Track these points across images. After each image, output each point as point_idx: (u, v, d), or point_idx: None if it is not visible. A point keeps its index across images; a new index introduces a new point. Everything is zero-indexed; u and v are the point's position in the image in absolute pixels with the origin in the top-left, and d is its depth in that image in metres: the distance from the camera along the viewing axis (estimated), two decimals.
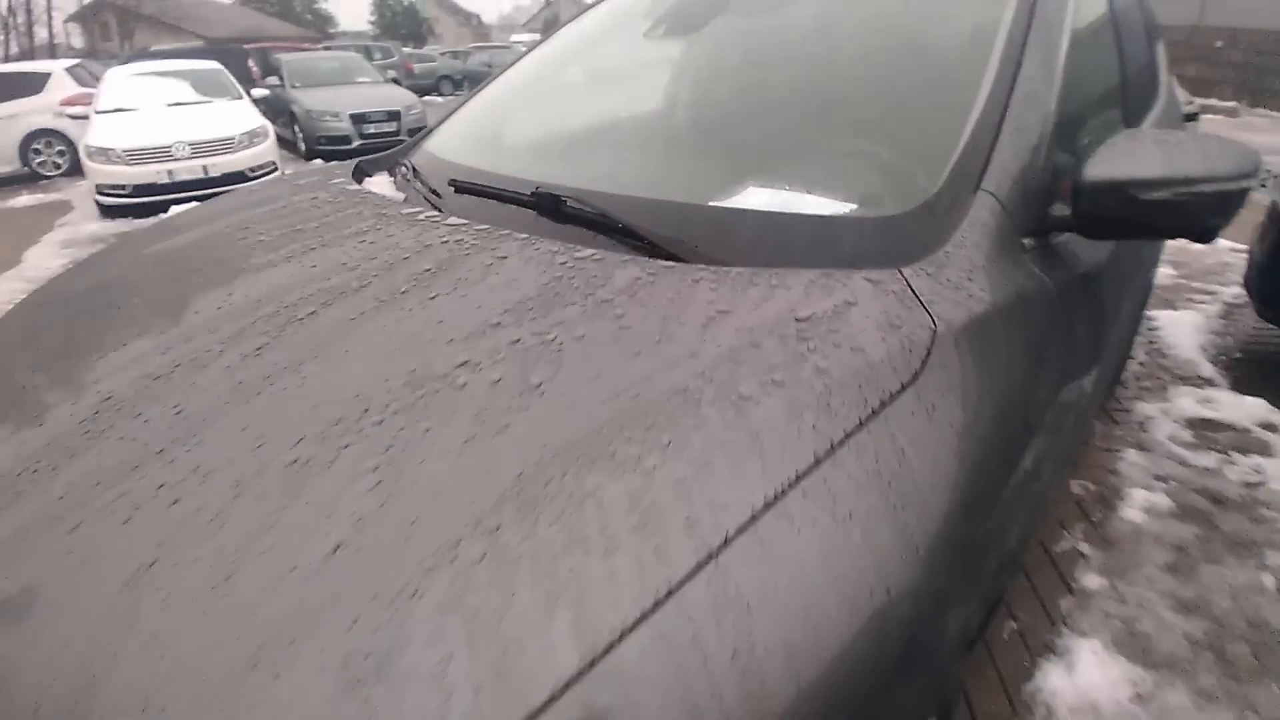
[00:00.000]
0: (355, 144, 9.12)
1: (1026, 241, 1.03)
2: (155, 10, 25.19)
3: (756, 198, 1.08)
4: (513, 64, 1.93)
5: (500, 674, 0.46)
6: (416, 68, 20.01)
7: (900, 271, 0.84)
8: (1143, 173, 0.98)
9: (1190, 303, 4.12)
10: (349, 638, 0.49)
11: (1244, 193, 1.00)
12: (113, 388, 0.82)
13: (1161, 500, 2.32)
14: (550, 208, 1.11)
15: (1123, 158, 1.00)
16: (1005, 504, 0.79)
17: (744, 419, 0.63)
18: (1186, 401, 2.97)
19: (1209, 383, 3.17)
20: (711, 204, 1.08)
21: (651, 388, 0.67)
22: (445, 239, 1.04)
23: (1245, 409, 2.86)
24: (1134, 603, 1.89)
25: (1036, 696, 1.61)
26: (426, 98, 14.71)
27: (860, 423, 0.64)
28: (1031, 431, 0.89)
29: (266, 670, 0.48)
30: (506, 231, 1.05)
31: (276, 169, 6.99)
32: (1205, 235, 1.04)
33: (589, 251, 0.95)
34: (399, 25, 46.64)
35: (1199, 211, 0.99)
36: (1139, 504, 2.30)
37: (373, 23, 49.16)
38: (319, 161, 9.00)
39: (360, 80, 10.17)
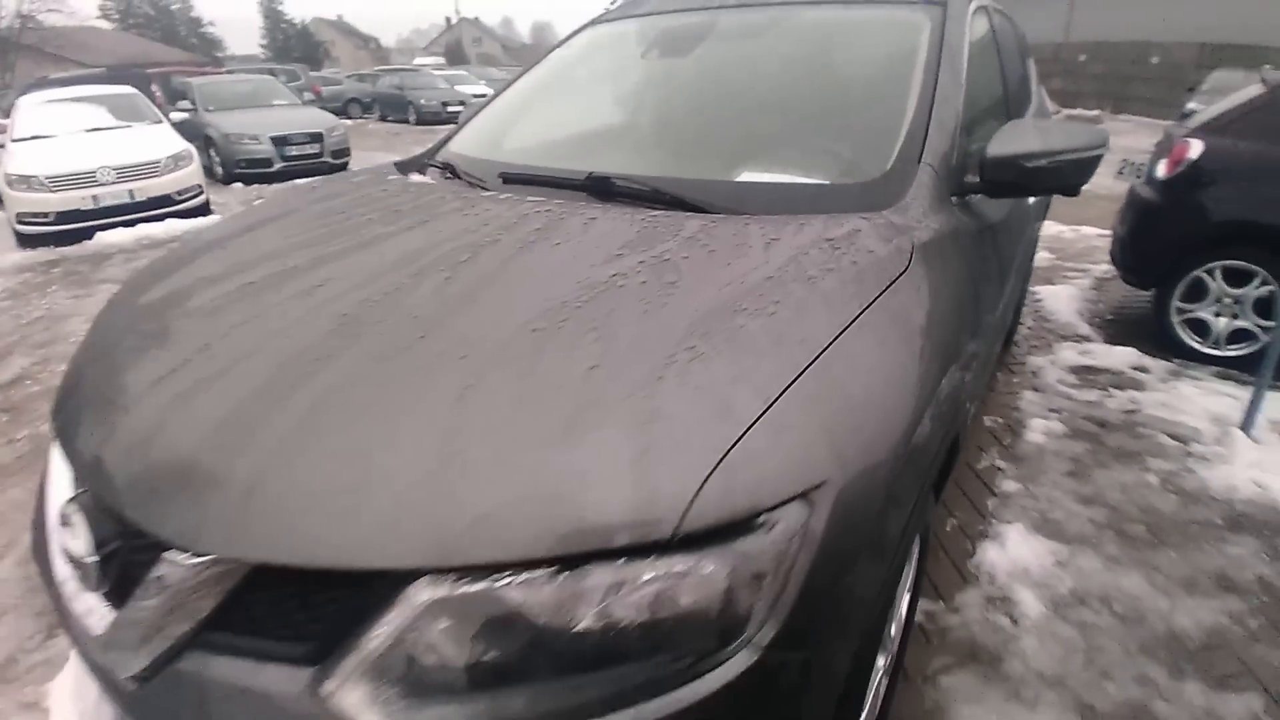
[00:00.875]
0: (277, 166, 8.99)
1: (953, 199, 1.44)
2: (36, 40, 23.77)
3: (767, 175, 1.45)
4: (513, 82, 2.23)
5: (683, 439, 0.77)
6: (324, 90, 19.57)
7: (882, 213, 1.22)
8: (1027, 148, 1.40)
9: (1066, 279, 4.87)
10: (620, 410, 0.79)
11: (1098, 159, 1.44)
12: (346, 308, 1.06)
13: (1057, 426, 2.86)
14: (601, 188, 1.43)
15: (1012, 139, 1.43)
16: (964, 352, 1.18)
17: (813, 290, 0.98)
18: (1069, 353, 3.59)
19: (1086, 339, 3.82)
20: (739, 179, 1.44)
21: (747, 279, 1.00)
22: (534, 210, 1.34)
23: (1118, 356, 3.50)
24: (1044, 500, 2.38)
25: (980, 569, 2.04)
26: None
27: (881, 291, 1.00)
28: (973, 308, 1.29)
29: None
30: (570, 204, 1.37)
31: (202, 192, 6.85)
32: (1072, 190, 1.48)
33: (656, 211, 1.28)
34: (292, 48, 45.15)
35: (1067, 174, 1.42)
36: (1039, 430, 2.83)
37: (264, 46, 47.31)
38: (239, 185, 8.79)
39: (277, 103, 10.00)
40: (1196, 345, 3.48)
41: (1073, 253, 5.51)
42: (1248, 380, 2.95)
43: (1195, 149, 3.35)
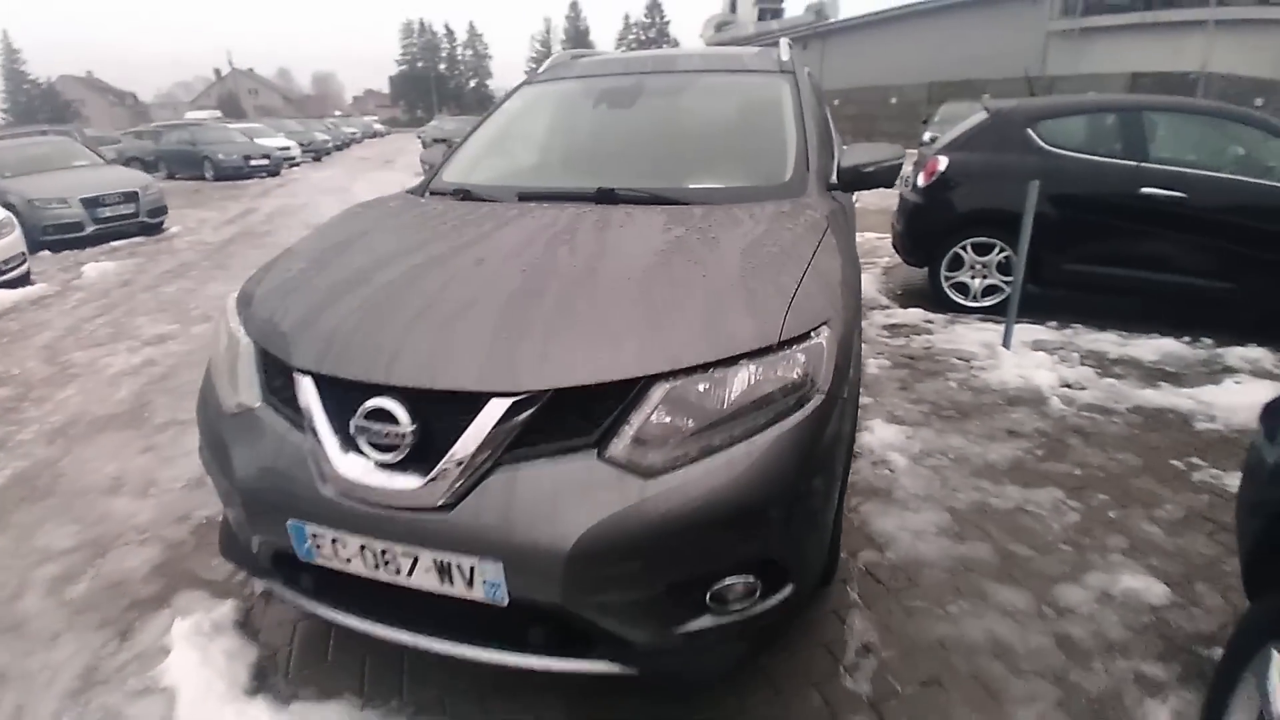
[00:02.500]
0: (89, 230, 8.21)
1: (828, 192, 2.30)
2: None
3: (713, 183, 2.21)
4: (475, 130, 2.79)
5: (770, 299, 1.45)
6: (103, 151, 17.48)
7: (799, 200, 2.03)
8: (863, 160, 2.30)
9: (863, 268, 6.30)
10: (733, 289, 1.46)
11: (900, 166, 2.38)
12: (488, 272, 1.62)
13: (885, 362, 3.94)
14: (608, 197, 2.09)
15: (853, 155, 2.32)
16: (858, 268, 2.00)
17: (792, 234, 1.71)
18: (879, 316, 4.81)
19: (888, 306, 5.09)
20: (702, 186, 2.17)
21: (752, 232, 1.71)
22: (577, 212, 1.95)
23: (911, 315, 4.77)
24: (889, 404, 3.37)
25: (862, 446, 2.93)
26: None
27: (823, 233, 1.76)
28: (854, 248, 2.14)
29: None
30: (590, 208, 2.01)
31: (25, 260, 6.23)
32: (889, 184, 2.41)
33: (663, 207, 1.97)
34: (37, 110, 39.27)
35: (885, 175, 2.34)
36: (874, 366, 3.88)
37: (5, 110, 40.58)
38: (46, 254, 7.90)
39: (79, 163, 9.09)
40: (962, 300, 4.84)
41: (862, 252, 7.06)
42: (1001, 318, 4.28)
43: (943, 163, 4.76)
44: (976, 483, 2.68)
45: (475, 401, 1.31)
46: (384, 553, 1.36)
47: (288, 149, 19.08)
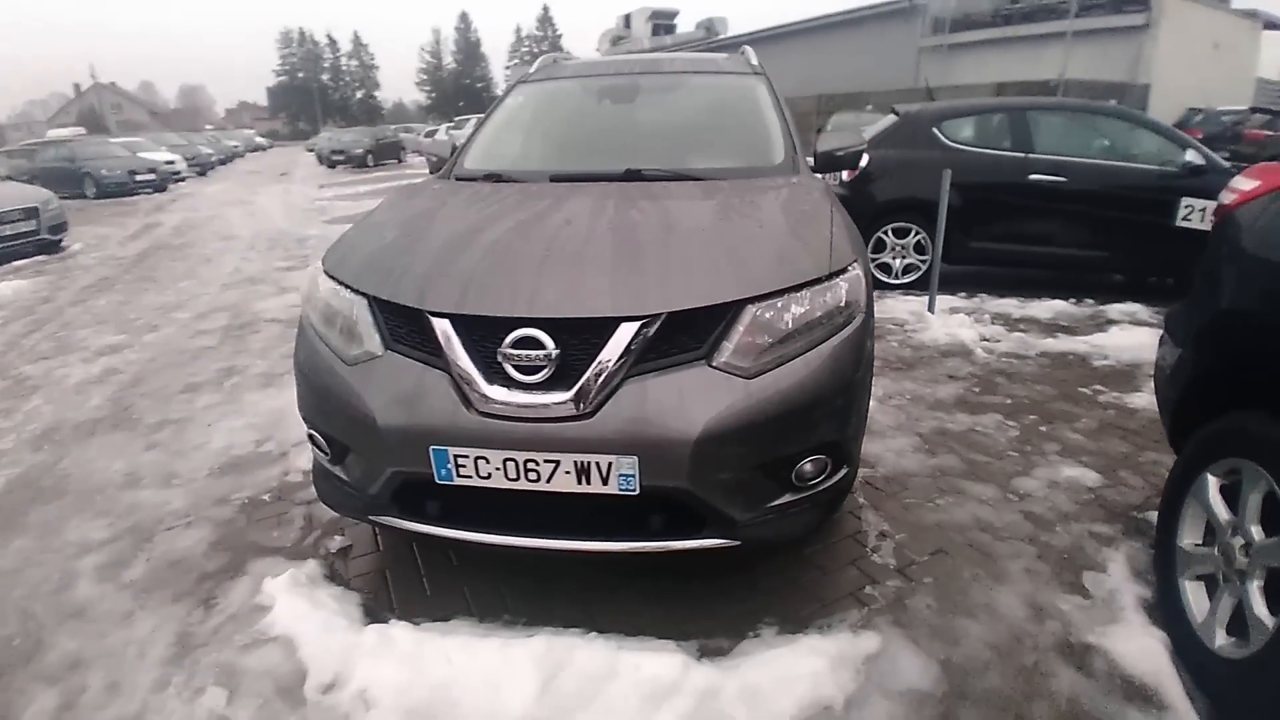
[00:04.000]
0: None
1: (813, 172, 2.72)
2: None
3: (720, 162, 2.56)
4: (483, 124, 3.01)
5: (817, 242, 1.83)
6: None
7: (796, 177, 2.42)
8: (834, 145, 2.74)
9: None
10: (788, 236, 1.81)
11: (862, 152, 2.84)
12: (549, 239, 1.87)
13: None
14: (635, 176, 2.40)
15: (826, 141, 2.76)
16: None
17: (810, 200, 2.09)
18: None
19: None
20: (710, 165, 2.52)
21: (779, 198, 2.08)
22: (621, 187, 2.25)
23: None
24: None
25: None
26: None
27: (833, 200, 2.16)
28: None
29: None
30: (624, 185, 2.31)
31: None
32: (854, 166, 2.88)
33: (693, 182, 2.30)
34: None
35: (850, 159, 2.78)
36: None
37: None
38: None
39: None
40: (886, 279, 5.48)
41: None
42: (920, 293, 4.92)
43: (864, 160, 5.38)
44: (933, 414, 3.18)
45: (607, 326, 1.58)
46: (527, 463, 1.60)
47: (173, 164, 17.85)
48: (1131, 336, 4.08)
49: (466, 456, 1.62)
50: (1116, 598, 1.95)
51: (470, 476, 1.65)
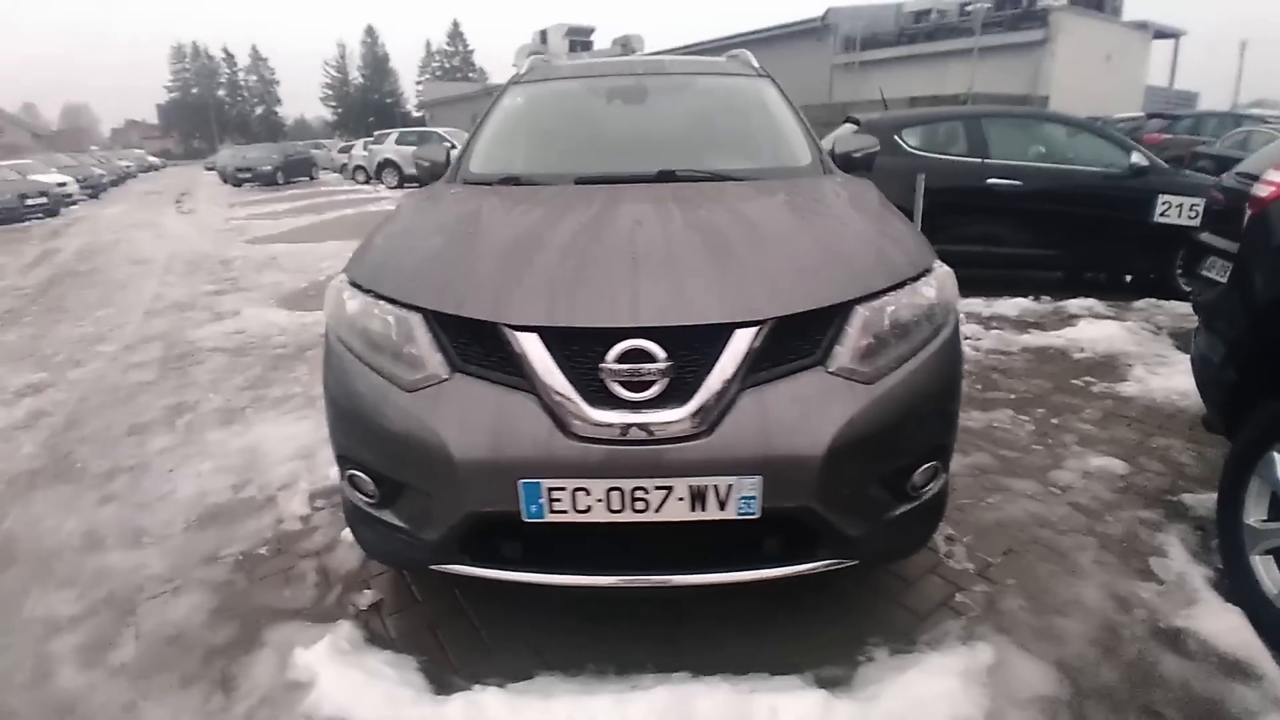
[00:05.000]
0: None
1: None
2: None
3: (750, 163, 2.47)
4: (481, 126, 2.79)
5: (900, 245, 1.75)
6: None
7: (832, 176, 2.36)
8: (851, 148, 2.71)
9: None
10: (866, 238, 1.73)
11: (876, 153, 2.82)
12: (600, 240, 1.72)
13: None
14: (669, 178, 2.27)
15: (843, 143, 2.72)
16: None
17: (867, 197, 2.03)
18: None
19: None
20: (747, 166, 2.42)
21: (833, 197, 2.02)
22: (671, 188, 2.11)
23: None
24: None
25: None
26: None
27: (880, 196, 2.11)
28: None
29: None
30: (657, 186, 2.18)
31: None
32: (869, 167, 2.85)
33: (730, 183, 2.19)
34: None
35: (866, 161, 2.77)
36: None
37: None
38: None
39: None
40: None
41: None
42: None
43: None
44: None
45: (721, 333, 1.43)
46: (635, 491, 1.42)
47: (65, 186, 16.25)
48: (1100, 329, 4.29)
49: (563, 489, 1.43)
50: (1186, 580, 1.97)
51: (565, 511, 1.45)
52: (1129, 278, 5.46)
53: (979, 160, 5.22)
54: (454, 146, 18.04)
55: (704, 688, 1.52)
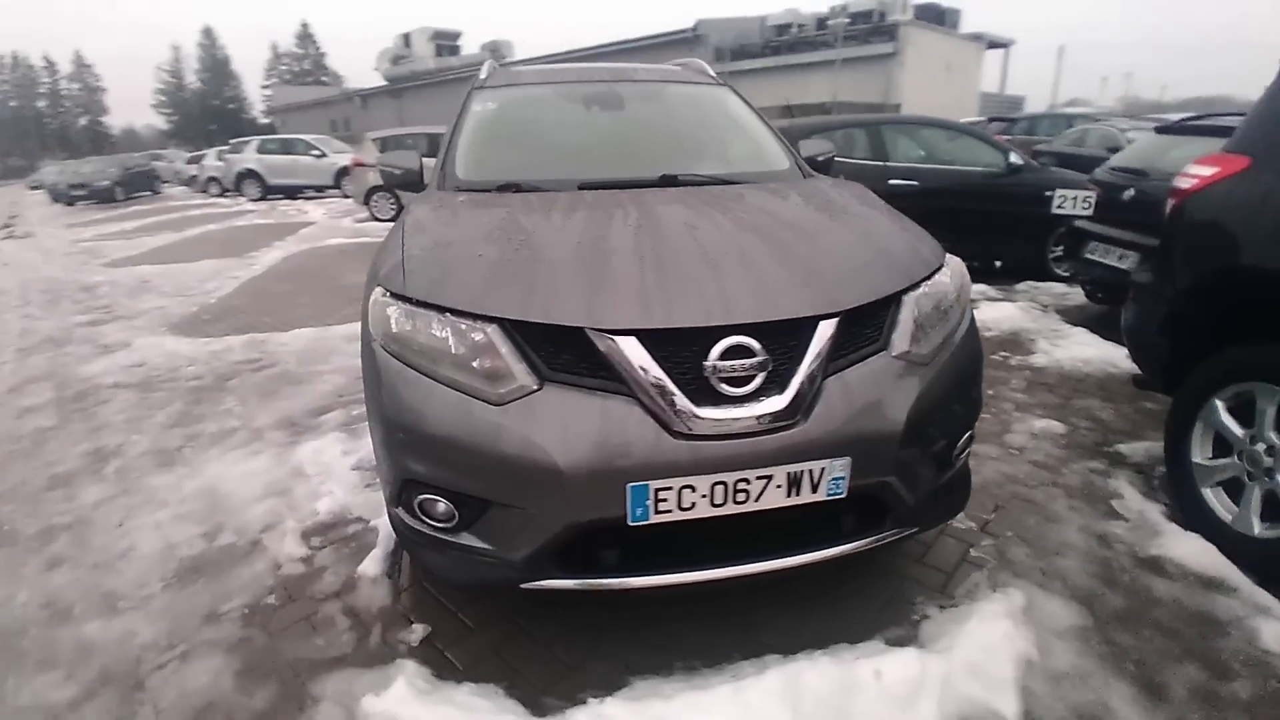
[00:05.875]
0: None
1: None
2: None
3: (738, 167, 2.58)
4: (456, 132, 2.71)
5: (915, 243, 1.92)
6: None
7: (815, 178, 2.54)
8: (814, 152, 2.90)
9: None
10: (888, 239, 1.86)
11: (834, 157, 3.05)
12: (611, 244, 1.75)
13: None
14: (671, 182, 2.34)
15: (808, 148, 2.92)
16: None
17: (864, 196, 2.22)
18: None
19: None
20: (743, 170, 2.52)
21: (830, 197, 2.17)
22: (662, 194, 2.14)
23: None
24: None
25: None
26: None
27: (870, 195, 2.30)
28: None
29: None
30: (660, 190, 2.24)
31: None
32: (830, 171, 3.07)
33: (734, 185, 2.30)
34: None
35: (827, 163, 2.98)
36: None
37: None
38: None
39: None
40: None
41: None
42: None
43: None
44: None
45: (808, 325, 1.53)
46: (738, 483, 1.48)
47: None
48: (999, 310, 4.86)
49: (670, 489, 1.46)
50: (1146, 516, 2.32)
51: (670, 511, 1.49)
52: (998, 264, 6.20)
53: (881, 164, 5.72)
54: (323, 154, 16.72)
55: (807, 663, 1.60)
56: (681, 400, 1.46)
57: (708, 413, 1.46)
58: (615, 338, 1.47)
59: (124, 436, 3.31)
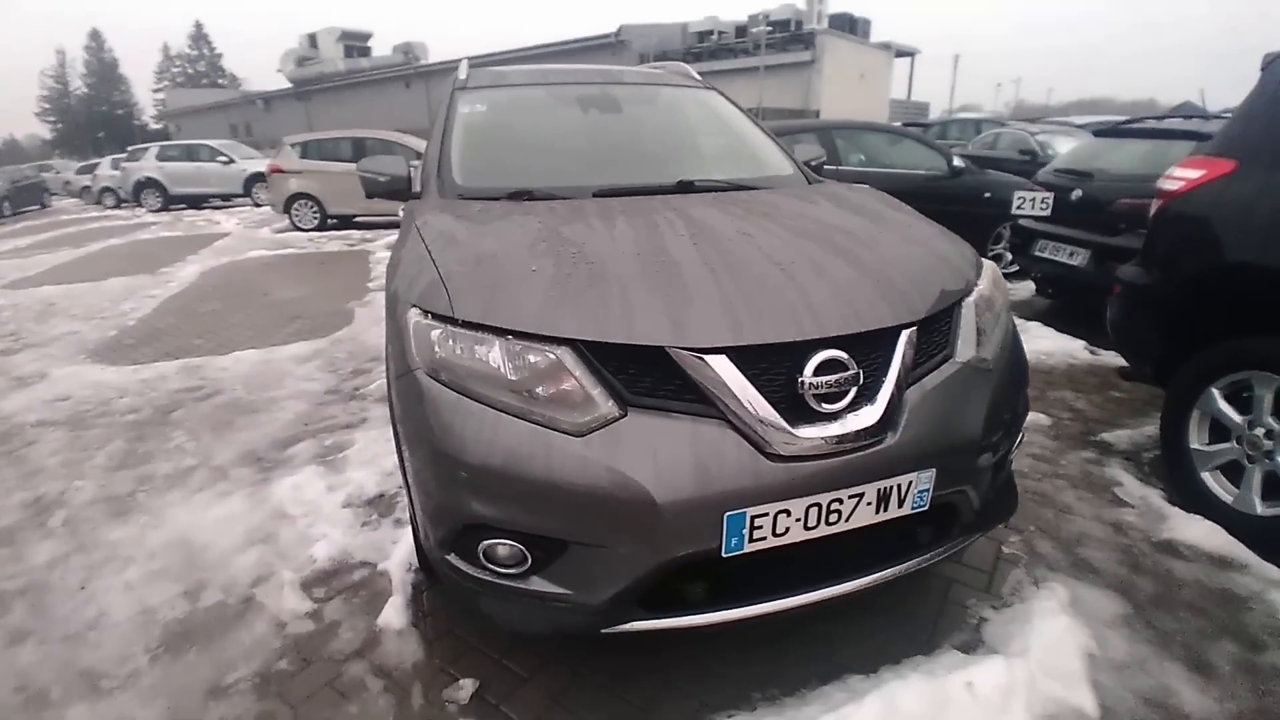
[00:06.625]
0: None
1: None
2: None
3: (745, 172, 2.54)
4: (446, 136, 2.53)
5: (949, 257, 1.93)
6: None
7: (822, 184, 2.54)
8: (808, 157, 2.92)
9: None
10: (917, 247, 1.84)
11: (824, 161, 3.08)
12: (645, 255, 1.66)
13: None
14: (687, 188, 2.29)
15: (801, 153, 2.94)
16: None
17: (889, 204, 2.23)
18: None
19: None
20: (756, 175, 2.49)
21: (848, 200, 2.18)
22: (682, 200, 2.09)
23: None
24: None
25: None
26: None
27: (888, 199, 2.33)
28: None
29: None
30: (678, 196, 2.17)
31: None
32: (822, 173, 3.10)
33: (751, 188, 2.27)
34: None
35: (817, 168, 3.00)
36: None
37: None
38: None
39: None
40: None
41: None
42: None
43: None
44: None
45: (892, 335, 1.50)
46: (832, 504, 1.43)
47: None
48: None
49: (765, 515, 1.40)
50: (1149, 501, 2.45)
51: (765, 538, 1.42)
52: None
53: (833, 167, 5.86)
54: (230, 160, 15.75)
55: (899, 684, 1.57)
56: (778, 420, 1.39)
57: (804, 432, 1.41)
58: (705, 357, 1.40)
59: (64, 483, 2.93)
